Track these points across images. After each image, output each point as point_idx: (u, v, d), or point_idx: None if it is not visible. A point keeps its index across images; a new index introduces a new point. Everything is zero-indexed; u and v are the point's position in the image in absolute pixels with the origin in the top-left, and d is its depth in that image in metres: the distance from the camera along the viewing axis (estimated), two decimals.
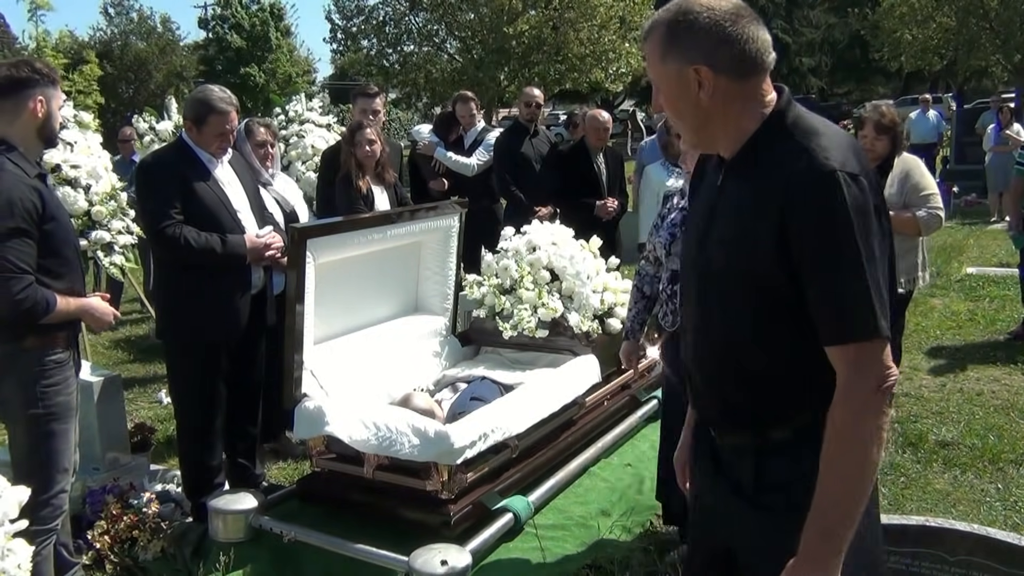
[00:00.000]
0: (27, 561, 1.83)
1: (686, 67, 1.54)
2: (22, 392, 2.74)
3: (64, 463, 2.84)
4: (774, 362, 1.58)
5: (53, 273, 2.75)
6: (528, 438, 3.58)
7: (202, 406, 3.56)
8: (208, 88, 3.59)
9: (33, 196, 2.67)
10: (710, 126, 1.61)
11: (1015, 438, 4.45)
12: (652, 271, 3.33)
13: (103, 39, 33.21)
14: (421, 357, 4.18)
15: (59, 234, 2.77)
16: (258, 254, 3.50)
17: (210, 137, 3.43)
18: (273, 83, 32.38)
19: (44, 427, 2.77)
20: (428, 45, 24.54)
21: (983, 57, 21.96)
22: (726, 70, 1.54)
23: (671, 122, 1.75)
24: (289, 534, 3.26)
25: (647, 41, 1.62)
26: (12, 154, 2.72)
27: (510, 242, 4.34)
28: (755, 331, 1.58)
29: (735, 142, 1.60)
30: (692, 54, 1.54)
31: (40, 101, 2.76)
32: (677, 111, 1.62)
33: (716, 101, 1.56)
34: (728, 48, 1.53)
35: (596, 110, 6.62)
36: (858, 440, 1.47)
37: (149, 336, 7.20)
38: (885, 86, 41.32)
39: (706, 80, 1.54)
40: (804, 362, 1.54)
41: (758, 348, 1.58)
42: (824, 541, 1.50)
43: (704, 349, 1.70)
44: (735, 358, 1.62)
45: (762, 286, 1.53)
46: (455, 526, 3.18)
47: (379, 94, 5.18)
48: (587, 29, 22.12)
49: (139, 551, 3.35)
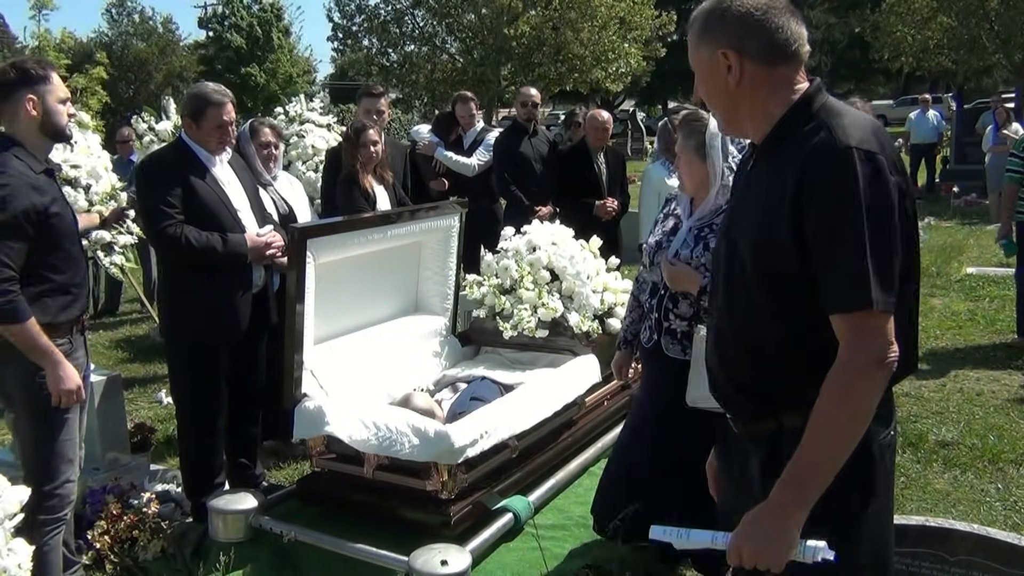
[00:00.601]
0: (27, 560, 1.83)
1: (716, 52, 1.64)
2: (23, 384, 2.77)
3: (69, 454, 2.86)
4: (792, 344, 1.62)
5: (53, 267, 2.78)
6: (528, 438, 3.58)
7: (203, 406, 3.57)
8: (203, 83, 3.62)
9: (32, 194, 2.69)
10: (739, 111, 1.68)
11: (1015, 438, 4.45)
12: (650, 278, 3.18)
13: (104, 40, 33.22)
14: (421, 357, 4.18)
15: (61, 228, 2.79)
16: (259, 253, 3.50)
17: (209, 131, 3.41)
18: (273, 83, 32.39)
19: (47, 418, 2.79)
20: (428, 45, 24.53)
21: (984, 57, 21.95)
22: (754, 56, 1.62)
23: (709, 106, 1.82)
24: (289, 534, 3.26)
25: (689, 32, 1.72)
26: (17, 150, 2.74)
27: (510, 242, 4.33)
28: (774, 313, 1.62)
29: (763, 127, 1.67)
30: (722, 40, 1.63)
31: (32, 100, 2.76)
32: (708, 96, 1.71)
33: (744, 86, 1.64)
34: (757, 36, 1.61)
35: (596, 110, 6.63)
36: (847, 405, 1.51)
37: (149, 336, 7.20)
38: (885, 86, 41.34)
39: (734, 64, 1.62)
40: (821, 345, 1.56)
41: (777, 331, 1.63)
42: (793, 491, 1.54)
43: (727, 333, 1.74)
44: (755, 341, 1.66)
45: (782, 269, 1.57)
46: (455, 526, 3.17)
47: (384, 94, 5.23)
48: (588, 29, 22.10)
49: (139, 551, 3.34)
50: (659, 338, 2.87)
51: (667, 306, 2.83)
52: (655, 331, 2.88)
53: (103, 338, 7.30)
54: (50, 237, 2.75)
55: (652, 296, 2.92)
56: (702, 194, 2.85)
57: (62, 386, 2.75)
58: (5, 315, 2.62)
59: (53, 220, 2.75)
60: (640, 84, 30.90)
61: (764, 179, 1.64)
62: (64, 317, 2.83)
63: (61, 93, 2.86)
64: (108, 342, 7.29)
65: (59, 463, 2.83)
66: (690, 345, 2.73)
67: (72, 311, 2.87)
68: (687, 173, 2.89)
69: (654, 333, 2.87)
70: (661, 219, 3.13)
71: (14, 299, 2.62)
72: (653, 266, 2.91)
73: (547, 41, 22.30)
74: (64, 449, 2.84)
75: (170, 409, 5.27)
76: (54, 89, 2.82)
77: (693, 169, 2.85)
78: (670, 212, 3.12)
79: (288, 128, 5.72)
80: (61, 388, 2.75)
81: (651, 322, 2.91)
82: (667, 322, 2.84)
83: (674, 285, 2.76)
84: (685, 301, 2.78)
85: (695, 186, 2.87)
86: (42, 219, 2.71)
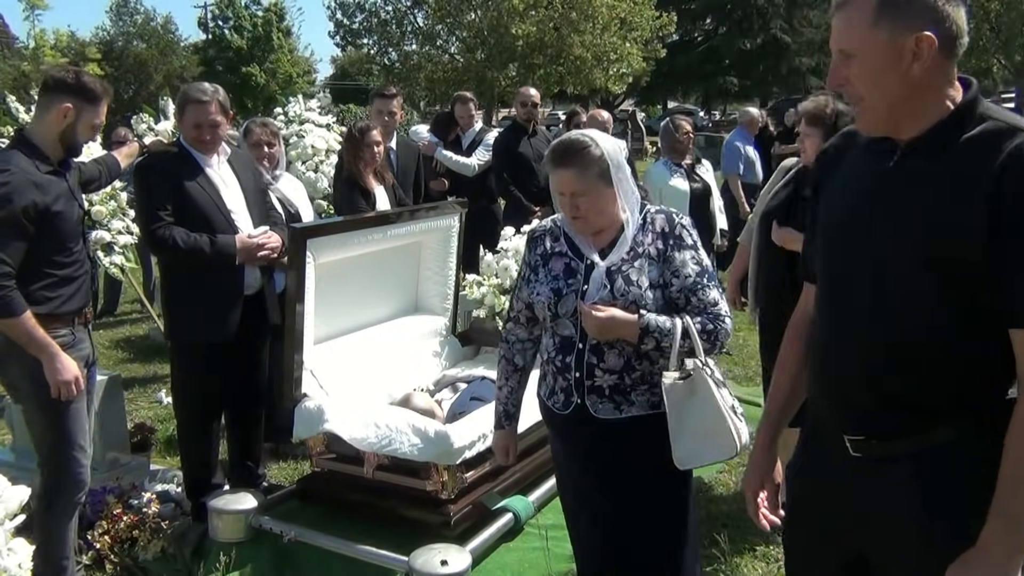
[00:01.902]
0: (27, 560, 1.83)
1: (906, 35, 1.48)
2: (29, 376, 2.83)
3: (79, 440, 2.96)
4: (952, 348, 1.53)
5: (55, 263, 2.85)
6: (528, 438, 3.58)
7: (200, 406, 3.57)
8: (194, 83, 3.65)
9: (34, 192, 2.74)
10: (909, 102, 1.53)
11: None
12: (525, 335, 2.52)
13: (105, 39, 33.24)
14: (421, 357, 4.18)
15: (63, 227, 2.86)
16: (249, 254, 3.45)
17: (188, 128, 3.40)
18: (273, 83, 32.40)
19: (54, 407, 2.87)
20: (429, 45, 24.55)
21: (984, 58, 21.98)
22: (940, 45, 1.49)
23: (850, 96, 1.62)
24: (289, 534, 3.26)
25: (848, 6, 1.54)
26: (27, 148, 2.81)
27: (510, 242, 4.34)
28: (942, 317, 1.52)
29: (923, 123, 1.54)
30: (917, 22, 1.48)
31: (67, 110, 2.83)
32: (875, 81, 1.53)
33: (927, 74, 1.50)
34: (944, 23, 1.49)
35: (596, 110, 6.64)
36: None
37: (149, 336, 7.20)
38: None
39: (927, 50, 1.48)
40: (982, 349, 1.50)
41: (939, 333, 1.53)
42: (1008, 532, 1.43)
43: (872, 340, 1.60)
44: (912, 345, 1.55)
45: (957, 271, 1.48)
46: (455, 526, 3.18)
47: (396, 96, 5.28)
48: (590, 31, 22.11)
49: (139, 551, 3.35)
50: (581, 400, 2.31)
51: (590, 362, 2.28)
52: (573, 393, 2.32)
53: (103, 338, 7.29)
54: (52, 234, 2.81)
55: (563, 353, 2.33)
56: (608, 227, 2.34)
57: (59, 377, 2.80)
58: (0, 309, 2.68)
59: (54, 218, 2.80)
60: (640, 84, 30.93)
61: (927, 180, 1.52)
62: (65, 308, 2.89)
63: (97, 121, 2.95)
64: (108, 342, 7.29)
65: (70, 449, 2.93)
66: (626, 402, 2.28)
67: (73, 302, 2.93)
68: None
69: (572, 395, 2.32)
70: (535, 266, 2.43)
71: (9, 294, 2.68)
72: (560, 318, 2.32)
73: (549, 43, 22.31)
74: (74, 436, 2.93)
75: (170, 409, 5.27)
76: (94, 115, 2.92)
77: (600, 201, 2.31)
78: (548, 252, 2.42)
79: (288, 128, 5.72)
80: (59, 379, 2.80)
81: (564, 384, 2.34)
82: (591, 380, 2.29)
83: (605, 335, 2.24)
84: (612, 351, 2.27)
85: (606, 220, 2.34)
86: (43, 217, 2.76)
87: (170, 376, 3.80)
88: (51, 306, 2.83)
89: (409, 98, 26.34)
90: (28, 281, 2.77)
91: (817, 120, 3.33)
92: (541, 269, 2.39)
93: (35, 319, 2.76)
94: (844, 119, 3.14)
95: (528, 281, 2.42)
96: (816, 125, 3.32)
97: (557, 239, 2.41)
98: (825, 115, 3.30)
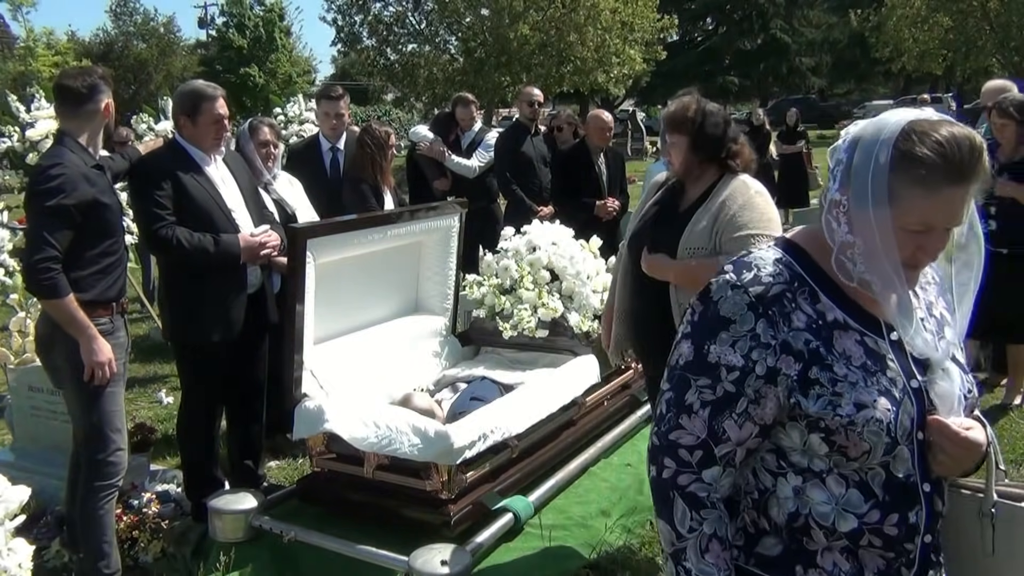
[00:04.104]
0: (27, 560, 1.83)
1: None
2: (70, 359, 2.99)
3: (117, 423, 3.11)
4: None
5: (99, 252, 3.03)
6: (528, 438, 3.58)
7: (201, 405, 3.57)
8: (192, 81, 3.68)
9: (85, 185, 2.93)
10: None
11: (1015, 438, 4.45)
12: (727, 487, 1.47)
13: (105, 40, 33.25)
14: (421, 357, 4.18)
15: (108, 218, 3.05)
16: (253, 253, 3.46)
17: (206, 127, 3.39)
18: (273, 83, 32.36)
19: (92, 391, 3.01)
20: (429, 45, 24.54)
21: (983, 59, 21.98)
22: None
23: None
24: (289, 534, 3.26)
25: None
26: (72, 143, 3.00)
27: (510, 242, 4.34)
28: None
29: None
30: None
31: (109, 104, 3.10)
32: None
33: None
34: None
35: (598, 110, 6.64)
36: None
37: (149, 336, 7.20)
38: (885, 86, 41.33)
39: None
40: None
41: None
42: None
43: None
44: None
45: None
46: (455, 526, 3.18)
47: (343, 96, 5.03)
48: (592, 33, 22.10)
49: (139, 551, 3.35)
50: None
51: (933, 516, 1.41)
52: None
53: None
54: (98, 225, 3.00)
55: (895, 510, 1.37)
56: None
57: (94, 358, 2.96)
58: (46, 290, 2.87)
59: (101, 210, 3.00)
60: (640, 84, 30.92)
61: None
62: (105, 297, 3.07)
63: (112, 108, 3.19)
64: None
65: (109, 432, 3.07)
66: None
67: (113, 290, 3.11)
68: None
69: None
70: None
71: (55, 276, 2.86)
72: (899, 447, 1.36)
73: (551, 44, 22.29)
74: (112, 419, 3.08)
75: (170, 409, 5.28)
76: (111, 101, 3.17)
77: None
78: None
79: (287, 128, 5.73)
80: (94, 360, 2.96)
81: (883, 566, 1.39)
82: (936, 552, 1.44)
83: (961, 466, 1.45)
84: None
85: None
86: (92, 208, 2.95)
87: (177, 376, 3.81)
88: (94, 293, 3.00)
89: (408, 98, 26.37)
90: (76, 268, 2.94)
91: (680, 125, 2.85)
92: (830, 356, 1.35)
93: (80, 305, 2.92)
94: (711, 119, 2.83)
95: (807, 383, 1.34)
96: (680, 131, 2.85)
97: (807, 297, 1.38)
98: (688, 118, 2.84)
